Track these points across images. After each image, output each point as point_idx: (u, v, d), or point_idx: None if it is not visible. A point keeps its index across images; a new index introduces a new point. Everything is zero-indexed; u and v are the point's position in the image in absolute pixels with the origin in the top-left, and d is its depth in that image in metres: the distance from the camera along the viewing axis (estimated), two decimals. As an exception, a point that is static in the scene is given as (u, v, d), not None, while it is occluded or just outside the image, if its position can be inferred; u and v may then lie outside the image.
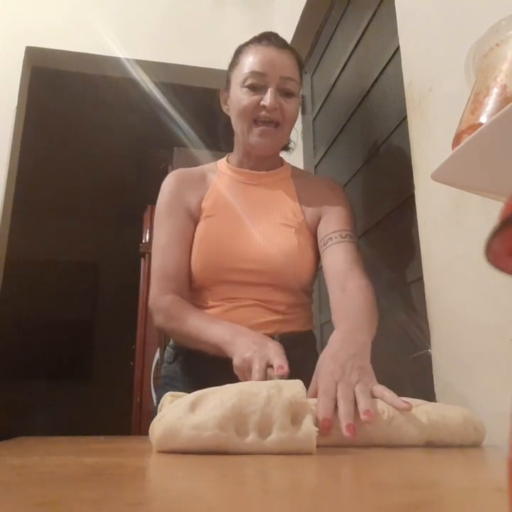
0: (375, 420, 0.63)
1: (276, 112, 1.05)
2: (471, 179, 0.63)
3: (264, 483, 0.35)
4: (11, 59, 1.90)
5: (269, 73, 1.05)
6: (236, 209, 1.09)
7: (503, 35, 0.60)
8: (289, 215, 1.09)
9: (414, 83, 1.00)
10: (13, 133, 1.82)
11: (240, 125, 1.09)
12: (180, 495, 0.30)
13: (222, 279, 1.05)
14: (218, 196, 1.12)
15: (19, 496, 0.28)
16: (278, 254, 1.04)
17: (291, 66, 1.08)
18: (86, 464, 0.45)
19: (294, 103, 1.09)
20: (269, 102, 1.03)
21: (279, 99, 1.05)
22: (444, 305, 0.90)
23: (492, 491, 0.30)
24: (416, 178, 0.99)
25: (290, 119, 1.09)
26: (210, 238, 1.06)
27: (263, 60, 1.06)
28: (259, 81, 1.05)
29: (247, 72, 1.06)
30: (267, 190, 1.13)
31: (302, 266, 1.06)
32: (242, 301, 1.03)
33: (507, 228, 0.18)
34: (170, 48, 2.06)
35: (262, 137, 1.06)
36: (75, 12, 1.99)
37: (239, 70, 1.09)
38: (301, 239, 1.07)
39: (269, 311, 1.04)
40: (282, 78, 1.06)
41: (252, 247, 1.04)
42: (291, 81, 1.07)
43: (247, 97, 1.05)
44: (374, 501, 0.28)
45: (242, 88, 1.07)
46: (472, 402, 0.75)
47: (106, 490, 0.31)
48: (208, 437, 0.49)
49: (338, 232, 1.05)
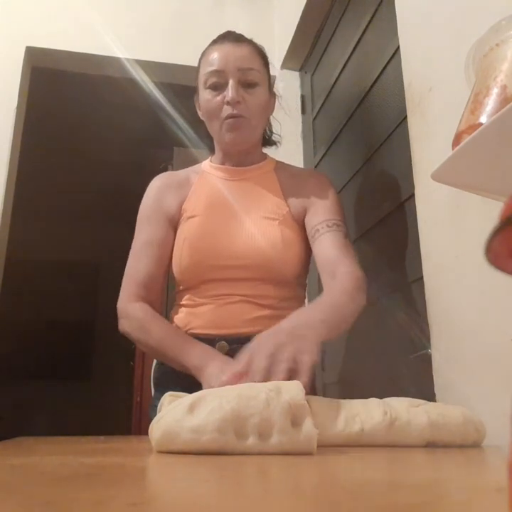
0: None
1: (240, 105, 1.03)
2: (471, 179, 0.63)
3: (264, 483, 0.35)
4: (11, 59, 1.90)
5: (225, 68, 1.04)
6: (218, 207, 1.09)
7: (503, 35, 0.60)
8: (272, 208, 1.08)
9: (414, 83, 1.00)
10: (13, 133, 1.82)
11: (212, 126, 1.09)
12: (180, 495, 0.30)
13: (207, 278, 1.04)
14: (200, 196, 1.11)
15: (19, 496, 0.28)
16: (261, 247, 1.03)
17: (249, 56, 1.07)
18: (86, 464, 0.45)
19: (259, 92, 1.07)
20: (230, 96, 1.02)
21: (241, 92, 1.04)
22: (444, 305, 0.90)
23: (492, 491, 0.30)
24: (416, 178, 0.99)
25: (257, 110, 1.07)
26: (193, 238, 1.06)
27: (218, 57, 1.05)
28: (219, 79, 1.05)
29: (205, 73, 1.06)
30: (249, 185, 1.12)
31: (288, 258, 1.04)
32: (230, 297, 1.02)
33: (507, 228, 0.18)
34: (170, 47, 2.06)
35: (232, 131, 1.05)
36: (75, 12, 1.99)
37: (200, 74, 1.09)
38: (286, 231, 1.05)
39: (258, 306, 1.02)
40: (241, 70, 1.04)
41: (235, 242, 1.03)
42: (252, 71, 1.06)
43: (211, 98, 1.05)
44: (374, 501, 0.28)
45: (205, 90, 1.07)
46: (472, 402, 0.75)
47: (106, 490, 0.31)
48: (207, 441, 0.49)
49: (324, 222, 1.04)
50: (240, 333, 1.00)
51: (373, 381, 1.23)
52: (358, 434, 0.62)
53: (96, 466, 0.43)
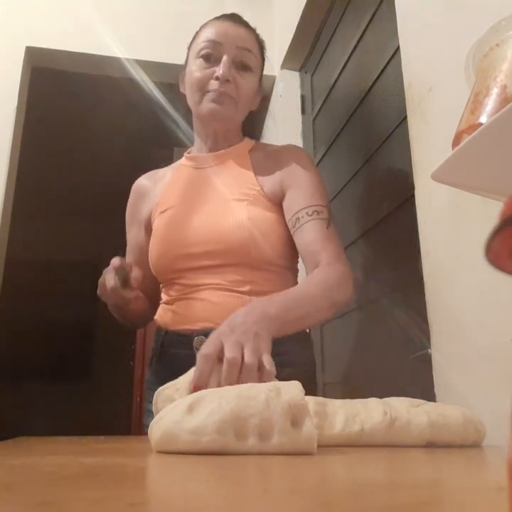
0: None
1: (229, 84, 1.00)
2: (471, 179, 0.63)
3: (265, 483, 0.35)
4: (11, 59, 1.90)
5: (224, 42, 1.00)
6: (187, 197, 1.06)
7: (503, 35, 0.60)
8: (240, 189, 1.02)
9: (414, 83, 1.00)
10: (13, 133, 1.82)
11: (192, 98, 1.04)
12: (180, 495, 0.30)
13: (176, 268, 1.01)
14: (170, 190, 1.10)
15: (19, 496, 0.28)
16: (228, 230, 0.97)
17: (249, 38, 1.04)
18: (86, 464, 0.45)
19: (251, 78, 1.03)
20: (221, 72, 0.98)
21: (234, 72, 1.00)
22: (444, 305, 0.90)
23: (492, 491, 0.30)
24: (416, 178, 0.99)
25: (244, 95, 1.03)
26: (161, 230, 1.05)
27: (218, 30, 1.02)
28: (214, 51, 1.00)
29: (201, 42, 1.02)
30: (221, 170, 1.07)
31: (259, 239, 0.97)
32: (202, 288, 0.98)
33: (507, 228, 0.18)
34: (170, 48, 2.06)
35: (214, 103, 1.00)
36: (75, 12, 1.99)
37: (195, 44, 1.05)
38: (256, 210, 0.99)
39: (234, 294, 0.96)
40: (239, 48, 1.01)
41: (202, 229, 0.99)
42: (249, 53, 1.02)
43: (200, 69, 1.01)
44: (374, 501, 0.28)
45: (196, 59, 1.02)
46: (472, 402, 0.75)
47: (106, 490, 0.31)
48: (207, 442, 0.48)
49: (304, 209, 0.97)
50: (218, 325, 0.91)
51: (373, 381, 1.23)
52: (358, 434, 0.62)
53: (96, 466, 0.43)
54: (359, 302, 1.33)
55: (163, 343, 1.03)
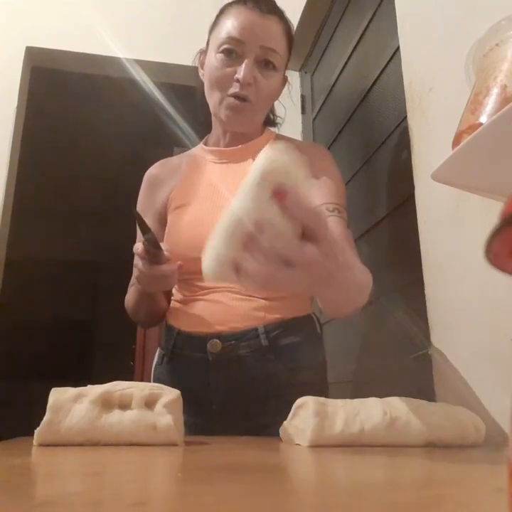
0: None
1: (249, 87, 0.95)
2: (471, 179, 0.63)
3: (265, 483, 0.35)
4: (11, 59, 1.90)
5: (247, 41, 0.94)
6: (205, 194, 1.02)
7: (503, 35, 0.60)
8: None
9: (414, 83, 1.00)
10: (13, 133, 1.82)
11: (211, 96, 1.00)
12: (180, 495, 0.30)
13: (194, 270, 0.96)
14: (186, 184, 1.06)
15: (19, 496, 0.28)
16: None
17: (276, 36, 0.97)
18: (86, 464, 0.45)
19: (274, 78, 0.99)
20: (242, 75, 0.94)
21: (256, 72, 0.95)
22: (444, 305, 0.90)
23: (492, 491, 0.30)
24: (416, 178, 0.99)
25: (265, 96, 0.99)
26: (175, 230, 1.02)
27: (243, 25, 0.94)
28: (236, 47, 0.95)
29: (223, 36, 0.96)
30: (238, 167, 1.03)
31: None
32: (218, 291, 0.96)
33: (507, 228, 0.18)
34: (170, 48, 2.06)
35: (232, 111, 0.97)
36: (75, 12, 1.99)
37: (217, 33, 0.99)
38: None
39: (249, 298, 0.95)
40: (263, 48, 0.95)
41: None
42: (274, 53, 0.96)
43: (221, 67, 0.96)
44: (374, 501, 0.28)
45: (217, 54, 0.97)
46: (472, 402, 0.75)
47: (106, 490, 0.31)
48: None
49: (325, 205, 0.93)
50: (232, 329, 0.94)
51: (373, 381, 1.23)
52: (358, 434, 0.62)
53: (96, 466, 0.43)
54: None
55: (176, 344, 1.01)
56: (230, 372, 0.95)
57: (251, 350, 0.95)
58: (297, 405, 0.68)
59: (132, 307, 1.06)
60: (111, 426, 0.57)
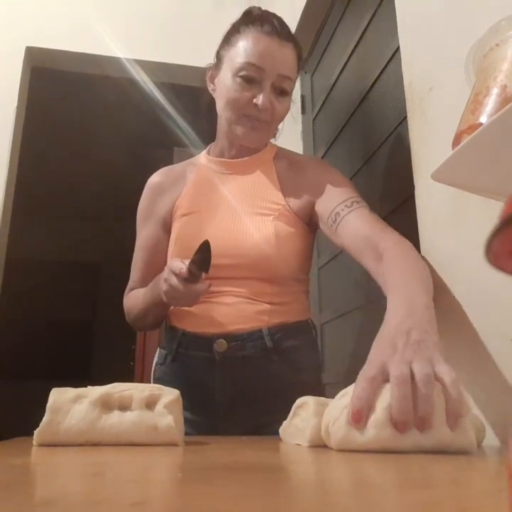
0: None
1: (266, 112, 1.01)
2: (471, 179, 0.63)
3: (265, 483, 0.35)
4: (11, 59, 1.90)
5: (267, 69, 0.99)
6: (211, 204, 1.06)
7: (503, 35, 0.60)
8: (266, 202, 1.03)
9: (414, 83, 1.00)
10: (13, 133, 1.82)
11: (227, 114, 1.04)
12: (180, 495, 0.30)
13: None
14: (193, 193, 1.09)
15: (19, 496, 0.28)
16: (252, 246, 0.98)
17: (292, 64, 1.03)
18: (86, 464, 0.45)
19: (287, 103, 1.05)
20: (261, 102, 0.99)
21: (272, 98, 1.01)
22: (444, 305, 0.90)
23: (492, 491, 0.30)
24: (416, 178, 0.99)
25: (279, 118, 1.06)
26: (184, 237, 1.04)
27: (263, 53, 0.99)
28: (256, 74, 0.99)
29: (243, 61, 0.99)
30: (246, 179, 1.08)
31: (283, 255, 0.99)
32: (224, 294, 0.99)
33: (507, 228, 0.18)
34: (170, 48, 2.06)
35: (249, 129, 1.03)
36: (75, 12, 1.99)
37: (234, 54, 1.02)
38: (281, 226, 1.00)
39: (254, 302, 0.99)
40: (280, 76, 1.00)
41: (226, 242, 0.99)
42: (289, 80, 1.02)
43: (239, 90, 1.00)
44: (374, 501, 0.28)
45: (235, 77, 1.00)
46: (472, 402, 0.75)
47: (106, 490, 0.31)
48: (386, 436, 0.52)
49: (342, 203, 0.96)
50: (238, 330, 0.97)
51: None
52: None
53: (96, 466, 0.43)
54: (359, 302, 1.33)
55: (180, 344, 1.02)
56: (235, 371, 0.98)
57: (256, 350, 0.98)
58: (297, 405, 0.68)
59: (138, 313, 1.08)
60: (111, 427, 0.57)
